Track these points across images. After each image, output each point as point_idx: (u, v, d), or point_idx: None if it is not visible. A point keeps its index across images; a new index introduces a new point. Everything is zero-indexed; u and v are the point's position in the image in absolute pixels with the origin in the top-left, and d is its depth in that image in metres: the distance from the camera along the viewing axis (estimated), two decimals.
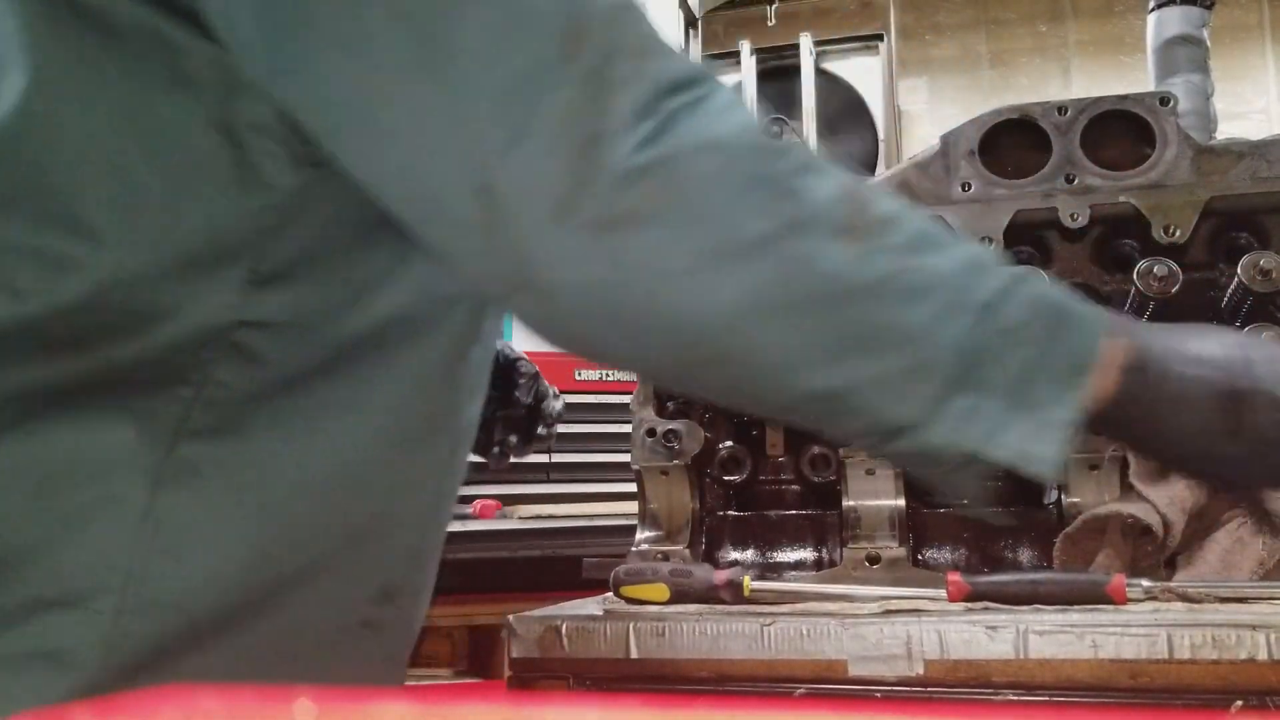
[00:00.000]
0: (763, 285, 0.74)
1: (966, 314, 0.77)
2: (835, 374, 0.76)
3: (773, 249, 0.73)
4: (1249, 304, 1.29)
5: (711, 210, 0.73)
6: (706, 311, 0.74)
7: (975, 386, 0.77)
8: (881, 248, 0.76)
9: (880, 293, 0.75)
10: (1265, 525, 1.12)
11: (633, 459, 1.39)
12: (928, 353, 0.76)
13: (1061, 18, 9.61)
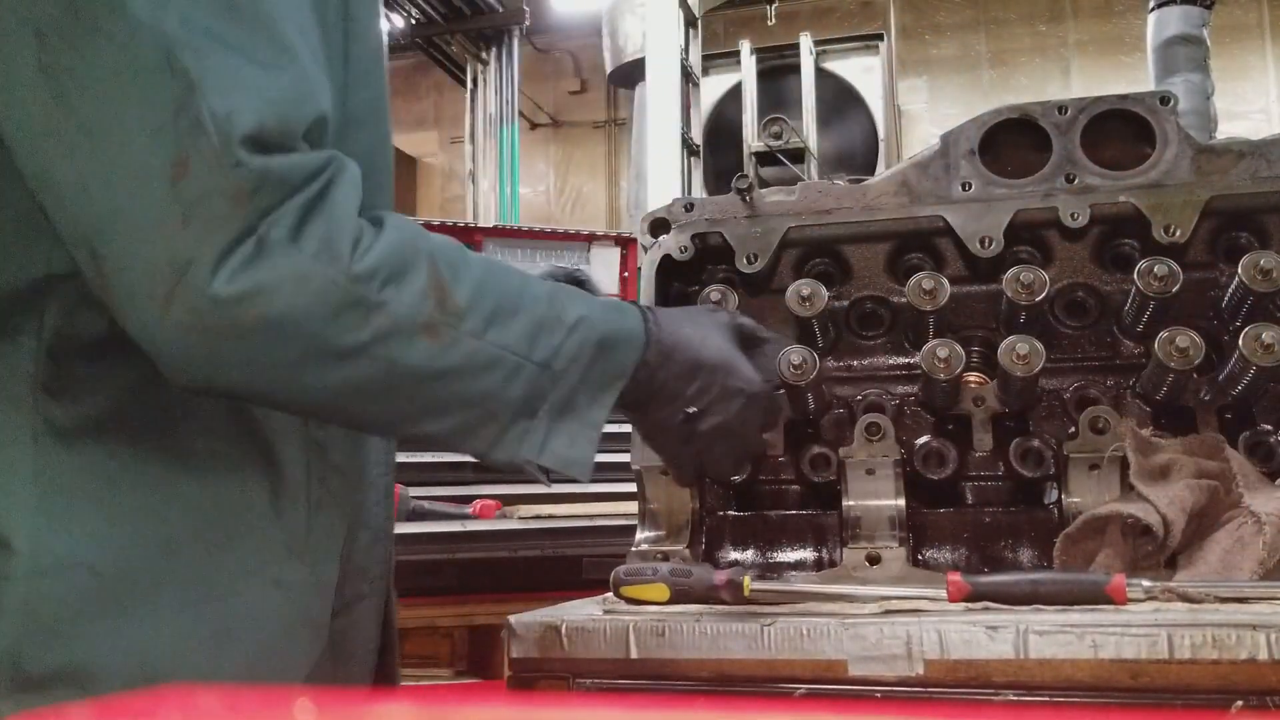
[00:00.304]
0: (356, 381, 0.88)
1: (528, 372, 0.96)
2: (422, 428, 0.96)
3: (365, 355, 0.87)
4: (1249, 303, 1.29)
5: (302, 330, 0.84)
6: (310, 394, 0.89)
7: (530, 415, 0.98)
8: (460, 334, 0.92)
9: (456, 374, 0.92)
10: (1256, 522, 1.12)
11: (633, 459, 1.39)
12: (493, 406, 0.95)
13: (1061, 17, 9.61)
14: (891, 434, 1.32)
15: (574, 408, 1.00)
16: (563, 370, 0.98)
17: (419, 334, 0.89)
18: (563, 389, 0.99)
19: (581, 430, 1.00)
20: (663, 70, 5.96)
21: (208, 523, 0.93)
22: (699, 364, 1.08)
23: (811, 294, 1.35)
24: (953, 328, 1.42)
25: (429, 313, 0.89)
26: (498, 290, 0.96)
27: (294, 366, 0.86)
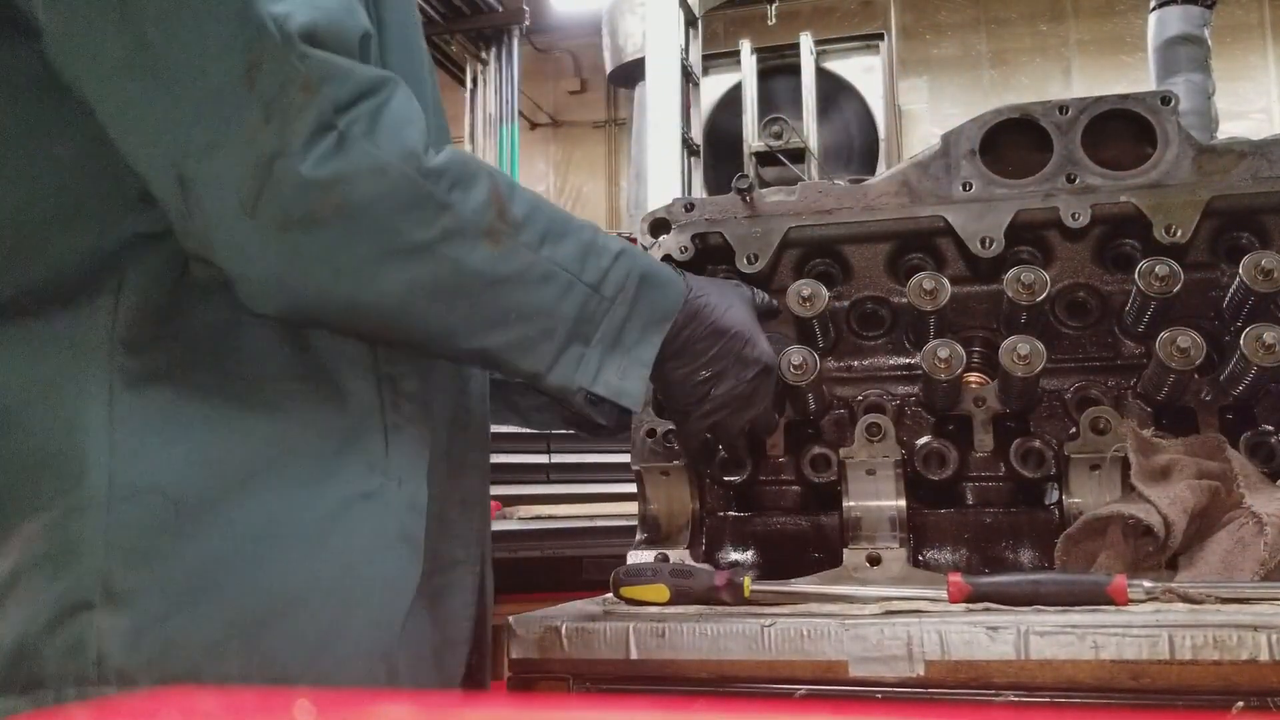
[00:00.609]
0: (422, 280, 0.94)
1: (579, 291, 1.03)
2: (483, 340, 1.00)
3: (430, 254, 0.93)
4: (1250, 303, 1.29)
5: (379, 224, 0.90)
6: (375, 300, 0.93)
7: (583, 340, 1.04)
8: (518, 245, 0.98)
9: (515, 282, 0.99)
10: (1257, 523, 1.12)
11: (633, 459, 1.39)
12: (548, 324, 1.01)
13: (1062, 17, 9.61)
14: (892, 434, 1.32)
15: (624, 343, 1.06)
16: (611, 298, 1.05)
17: (481, 239, 0.95)
18: (613, 320, 1.05)
19: (632, 365, 1.06)
20: (663, 70, 5.95)
21: (283, 452, 0.97)
22: (723, 329, 1.15)
23: (812, 294, 1.35)
24: (953, 328, 1.42)
25: (490, 220, 0.96)
26: (548, 213, 1.03)
27: (368, 263, 0.91)
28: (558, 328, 1.02)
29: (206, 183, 0.87)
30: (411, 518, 1.04)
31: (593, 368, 1.04)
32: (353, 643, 0.96)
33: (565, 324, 1.02)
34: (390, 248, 0.91)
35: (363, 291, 0.93)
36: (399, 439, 1.04)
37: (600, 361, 1.05)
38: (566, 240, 1.03)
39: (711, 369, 1.15)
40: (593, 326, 1.04)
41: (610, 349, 1.05)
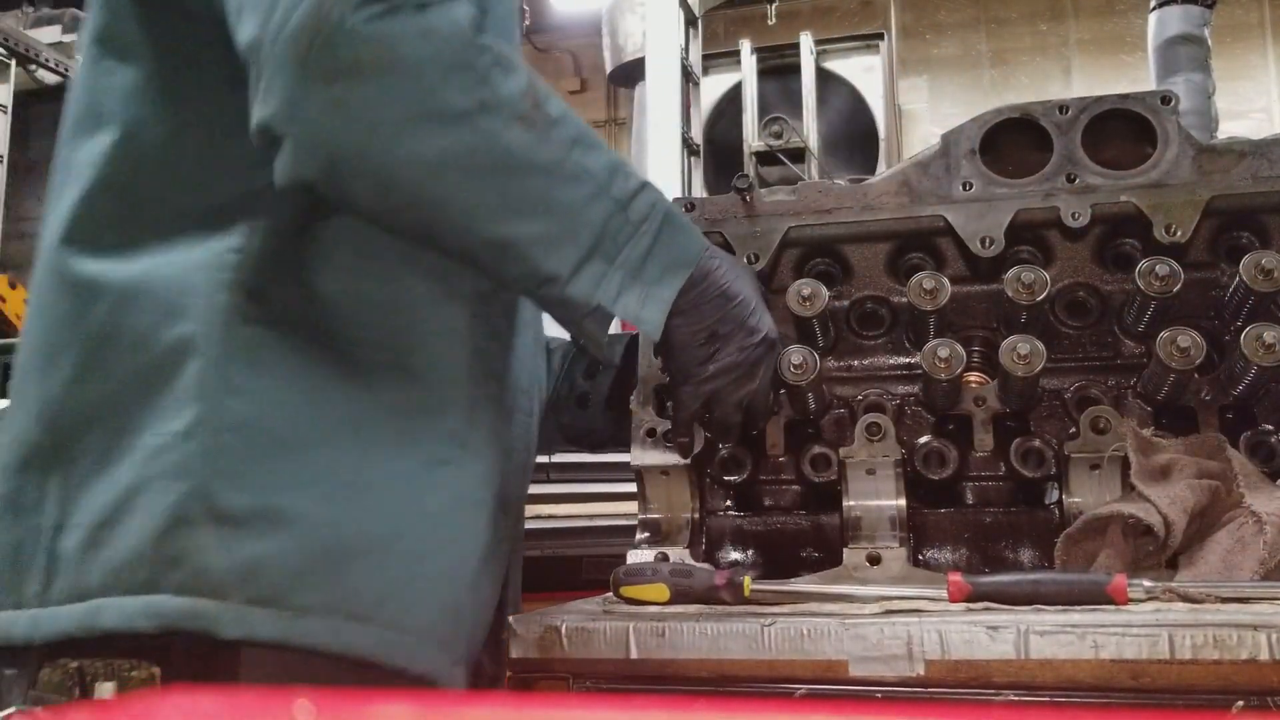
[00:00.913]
0: (456, 150, 0.96)
1: (606, 203, 1.04)
2: (504, 228, 1.00)
3: (466, 122, 0.96)
4: (1251, 303, 1.29)
5: (420, 83, 0.94)
6: (408, 164, 0.96)
7: (605, 258, 1.04)
8: (550, 139, 1.01)
9: (545, 172, 1.00)
10: (1257, 522, 1.12)
11: (633, 459, 1.39)
12: (574, 225, 1.02)
13: (1062, 16, 9.61)
14: (892, 434, 1.32)
15: (645, 276, 1.07)
16: (635, 225, 1.06)
17: (516, 121, 0.98)
18: (636, 249, 1.06)
19: (651, 299, 1.08)
20: (663, 70, 5.95)
21: (376, 411, 1.04)
22: (731, 294, 1.16)
23: (812, 294, 1.35)
24: (953, 327, 1.42)
25: (527, 109, 0.99)
26: (580, 124, 1.06)
27: (406, 122, 0.94)
28: (581, 233, 1.03)
29: (274, 35, 0.93)
30: (484, 488, 1.12)
31: (613, 289, 1.05)
32: (425, 591, 1.03)
33: (589, 232, 1.03)
34: (428, 110, 0.94)
35: (397, 152, 0.95)
36: (480, 415, 1.12)
37: (620, 286, 1.05)
38: (597, 153, 1.05)
39: (716, 330, 1.15)
40: (616, 247, 1.05)
41: (632, 278, 1.06)
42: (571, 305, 1.05)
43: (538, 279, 1.03)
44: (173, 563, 0.93)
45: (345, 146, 0.95)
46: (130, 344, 1.00)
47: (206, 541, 0.94)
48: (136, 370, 1.00)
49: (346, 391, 1.03)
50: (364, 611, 0.98)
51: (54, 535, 0.99)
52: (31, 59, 7.87)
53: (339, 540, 0.98)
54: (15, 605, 1.00)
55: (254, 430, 0.98)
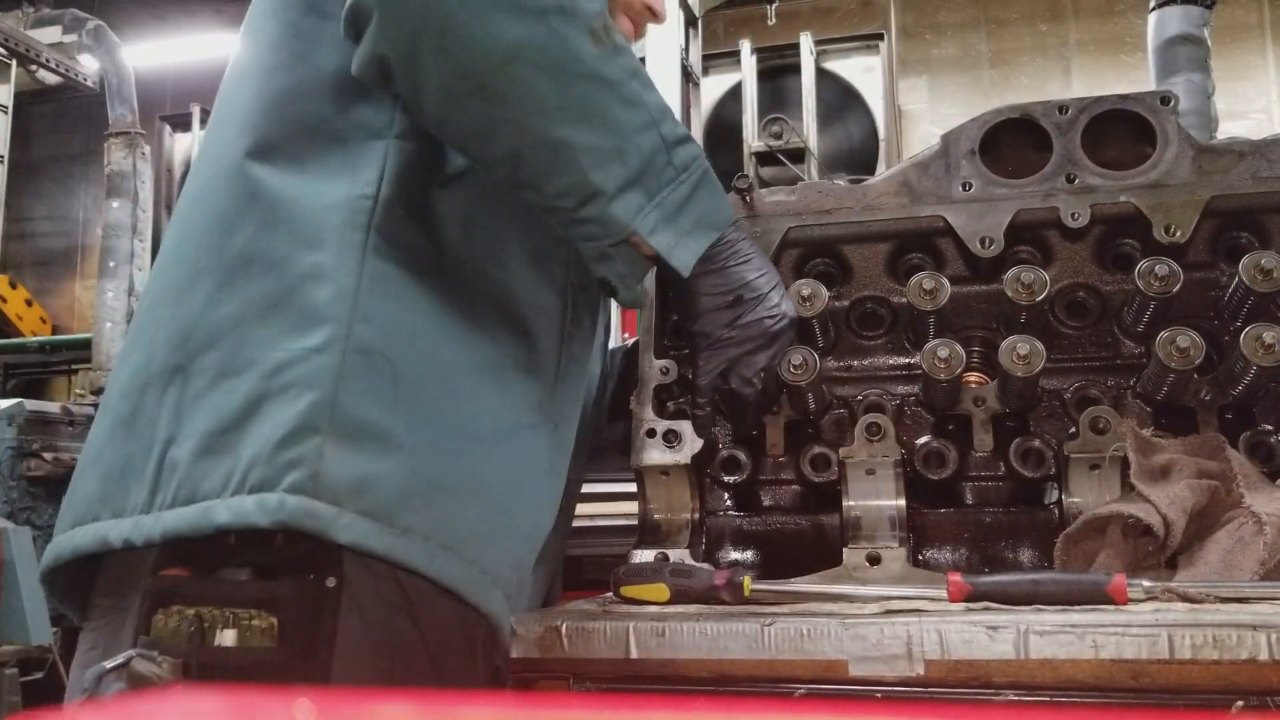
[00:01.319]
0: (530, 42, 1.02)
1: (655, 136, 1.09)
2: (561, 130, 1.05)
3: (543, 19, 1.02)
4: (1250, 303, 1.29)
5: None
6: (486, 47, 1.01)
7: (646, 192, 1.09)
8: (615, 60, 1.06)
9: (607, 87, 1.06)
10: (1256, 522, 1.12)
11: (633, 459, 1.39)
12: (626, 145, 1.07)
13: (1062, 17, 9.61)
14: (892, 434, 1.32)
15: (679, 224, 1.12)
16: (678, 169, 1.11)
17: (587, 34, 1.04)
18: (676, 194, 1.11)
19: (682, 244, 1.12)
20: (663, 70, 5.95)
21: (488, 360, 1.10)
22: (757, 266, 1.22)
23: (812, 294, 1.35)
24: (953, 328, 1.42)
25: (599, 27, 1.05)
26: (640, 65, 1.11)
27: (488, 7, 1.00)
28: (630, 156, 1.07)
29: None
30: (559, 457, 1.18)
31: (650, 223, 1.09)
32: (504, 540, 1.08)
33: (638, 158, 1.07)
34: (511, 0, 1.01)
35: (476, 33, 1.01)
36: (563, 388, 1.18)
37: (655, 224, 1.09)
38: (652, 92, 1.11)
39: (742, 294, 1.21)
40: (657, 184, 1.09)
41: (667, 221, 1.10)
42: (611, 225, 1.08)
43: (584, 192, 1.07)
44: (292, 465, 0.97)
45: (429, 21, 1.01)
46: (265, 267, 1.06)
47: (328, 450, 0.97)
48: (267, 292, 1.05)
49: (461, 337, 1.09)
50: (456, 543, 1.02)
51: (165, 447, 1.02)
52: (31, 59, 7.87)
53: (440, 472, 1.03)
54: (115, 514, 1.03)
55: (379, 356, 1.03)
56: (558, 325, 1.18)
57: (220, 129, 1.20)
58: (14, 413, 5.10)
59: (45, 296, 10.72)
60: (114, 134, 6.75)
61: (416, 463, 1.01)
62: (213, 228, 1.12)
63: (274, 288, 1.05)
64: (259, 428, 0.99)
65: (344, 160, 1.11)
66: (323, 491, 0.96)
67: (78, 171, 11.00)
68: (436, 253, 1.11)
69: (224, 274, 1.07)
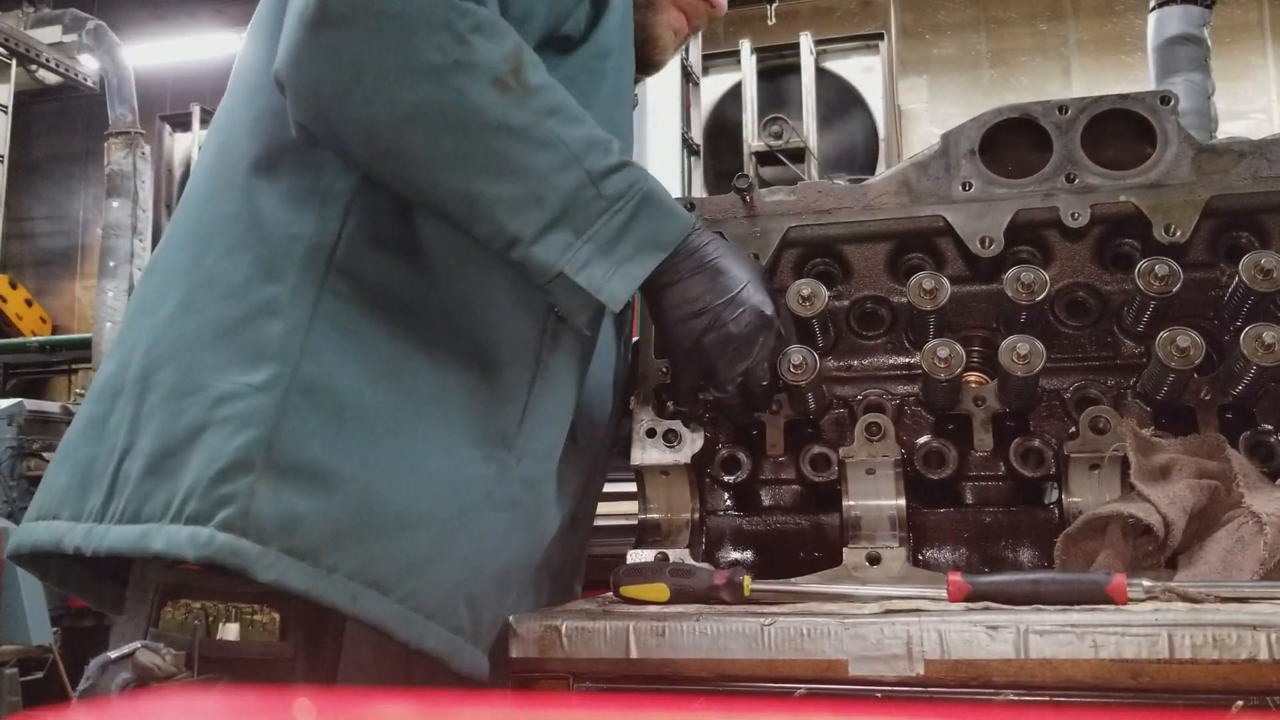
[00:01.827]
0: (427, 102, 1.03)
1: (577, 173, 1.07)
2: (470, 184, 1.05)
3: (439, 78, 1.02)
4: (1250, 303, 1.29)
5: (399, 37, 1.01)
6: (385, 112, 1.03)
7: (573, 229, 1.07)
8: (524, 105, 1.05)
9: (513, 134, 1.05)
10: (1256, 522, 1.12)
11: (633, 459, 1.39)
12: (541, 190, 1.06)
13: (1062, 17, 9.61)
14: (892, 434, 1.32)
15: (617, 252, 1.10)
16: (610, 200, 1.09)
17: (490, 83, 1.04)
18: (610, 225, 1.09)
19: (620, 275, 1.10)
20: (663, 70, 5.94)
21: (440, 395, 1.10)
22: (720, 268, 1.18)
23: (812, 294, 1.35)
24: (953, 327, 1.42)
25: (504, 73, 1.05)
26: (567, 99, 1.10)
27: (386, 71, 1.01)
28: (548, 199, 1.06)
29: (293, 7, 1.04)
30: (525, 492, 1.16)
31: (579, 260, 1.07)
32: (444, 575, 1.07)
33: (557, 198, 1.06)
34: (405, 63, 1.01)
35: (376, 99, 1.02)
36: (533, 421, 1.17)
37: (588, 259, 1.08)
38: (577, 126, 1.09)
39: (707, 303, 1.17)
40: (585, 219, 1.08)
41: (602, 252, 1.09)
42: (534, 268, 1.08)
43: (502, 239, 1.07)
44: (225, 501, 0.99)
45: (331, 92, 1.03)
46: (226, 291, 1.09)
47: (261, 488, 0.99)
48: (224, 318, 1.07)
49: (418, 371, 1.09)
50: (386, 582, 1.02)
51: (122, 457, 1.07)
52: (31, 59, 7.87)
53: (377, 510, 1.04)
54: (73, 517, 1.08)
55: (324, 394, 1.04)
56: (532, 353, 1.17)
57: (216, 138, 1.23)
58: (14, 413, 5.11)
59: (45, 296, 10.72)
60: (114, 134, 6.76)
61: (352, 501, 1.02)
62: (191, 240, 1.16)
63: (231, 314, 1.07)
64: (198, 457, 1.02)
65: (316, 188, 1.12)
66: (251, 529, 0.98)
67: (78, 171, 11.00)
68: (403, 284, 1.11)
69: (190, 290, 1.11)
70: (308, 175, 1.13)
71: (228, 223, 1.13)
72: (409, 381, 1.09)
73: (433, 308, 1.12)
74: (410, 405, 1.08)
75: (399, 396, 1.08)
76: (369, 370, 1.07)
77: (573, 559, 1.38)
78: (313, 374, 1.04)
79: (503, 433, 1.14)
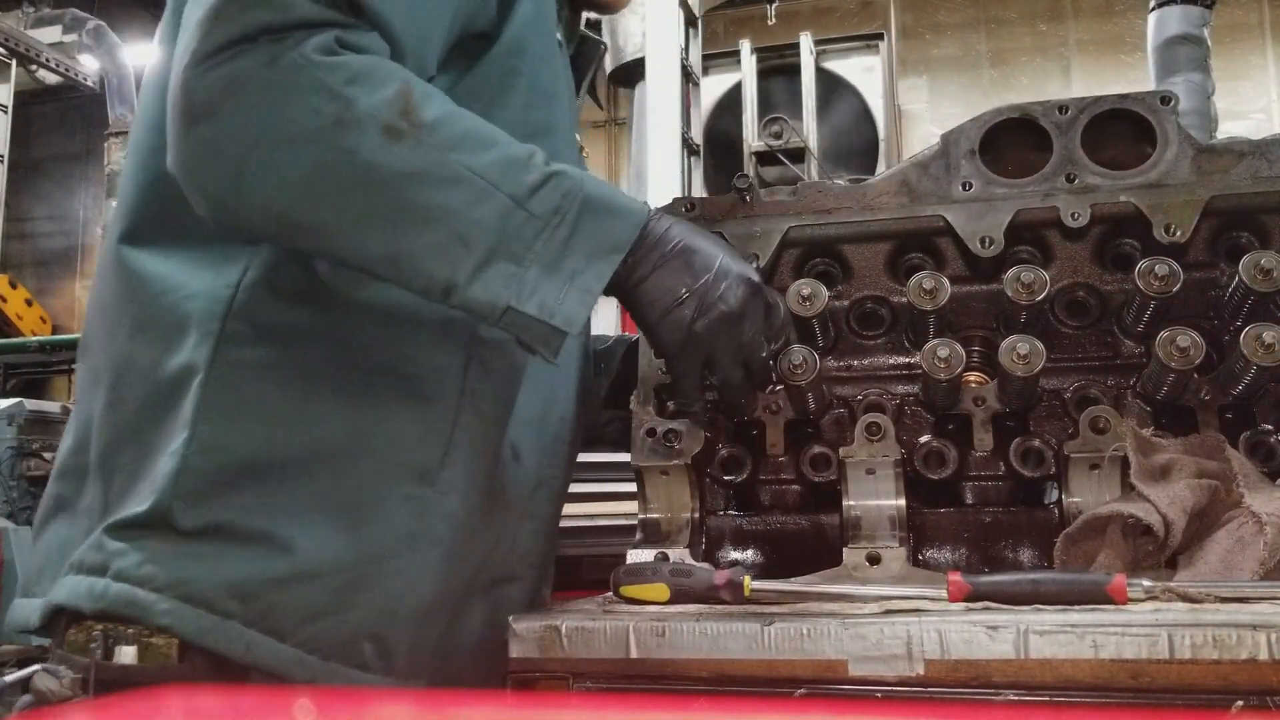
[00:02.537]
0: (317, 169, 0.97)
1: (498, 202, 1.00)
2: (386, 241, 1.00)
3: (321, 141, 0.96)
4: (1250, 303, 1.29)
5: (270, 110, 0.95)
6: (278, 190, 0.98)
7: (512, 258, 1.01)
8: (422, 145, 0.98)
9: (417, 180, 0.98)
10: (1256, 522, 1.12)
11: (632, 459, 1.39)
12: (462, 229, 0.99)
13: (1062, 17, 9.61)
14: (892, 434, 1.32)
15: (565, 268, 1.03)
16: (544, 218, 1.02)
17: (379, 133, 0.97)
18: (551, 242, 1.02)
19: (573, 291, 1.03)
20: (663, 70, 5.96)
21: (353, 439, 1.07)
22: (691, 247, 1.12)
23: (812, 294, 1.35)
24: (953, 327, 1.42)
25: (391, 117, 0.97)
26: (472, 125, 1.03)
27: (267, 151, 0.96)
28: (474, 237, 1.00)
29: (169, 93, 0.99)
30: (447, 528, 1.13)
31: (525, 288, 1.01)
32: (347, 620, 1.05)
33: (484, 235, 1.00)
34: (282, 135, 0.96)
35: (266, 180, 0.97)
36: (459, 455, 1.13)
37: (535, 284, 1.01)
38: (489, 151, 1.02)
39: (688, 285, 1.11)
40: (522, 245, 1.01)
41: (549, 272, 1.02)
42: (480, 311, 1.02)
43: (438, 289, 1.01)
44: (120, 554, 1.01)
45: (222, 184, 0.98)
46: (140, 375, 1.08)
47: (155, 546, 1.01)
48: (147, 399, 1.07)
49: (323, 422, 1.06)
50: (284, 629, 1.01)
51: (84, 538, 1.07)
52: (31, 59, 7.87)
53: (276, 564, 1.02)
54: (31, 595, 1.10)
55: (225, 452, 1.03)
56: (456, 384, 1.13)
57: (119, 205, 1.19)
58: (14, 412, 5.11)
59: (45, 296, 10.72)
60: (114, 134, 6.77)
61: (248, 556, 1.02)
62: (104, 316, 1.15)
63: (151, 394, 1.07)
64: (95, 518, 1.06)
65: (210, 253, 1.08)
66: (144, 581, 0.99)
67: (78, 171, 11.01)
68: (310, 329, 1.08)
69: (116, 377, 1.11)
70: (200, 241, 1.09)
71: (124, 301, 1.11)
72: (319, 430, 1.06)
73: (344, 350, 1.08)
74: (319, 454, 1.06)
75: (305, 447, 1.05)
76: (279, 418, 1.05)
77: (537, 563, 1.33)
78: (213, 435, 1.03)
79: (423, 470, 1.10)
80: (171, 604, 0.98)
